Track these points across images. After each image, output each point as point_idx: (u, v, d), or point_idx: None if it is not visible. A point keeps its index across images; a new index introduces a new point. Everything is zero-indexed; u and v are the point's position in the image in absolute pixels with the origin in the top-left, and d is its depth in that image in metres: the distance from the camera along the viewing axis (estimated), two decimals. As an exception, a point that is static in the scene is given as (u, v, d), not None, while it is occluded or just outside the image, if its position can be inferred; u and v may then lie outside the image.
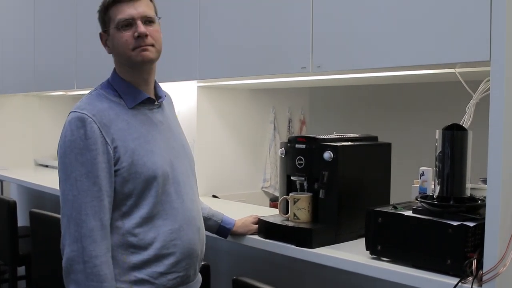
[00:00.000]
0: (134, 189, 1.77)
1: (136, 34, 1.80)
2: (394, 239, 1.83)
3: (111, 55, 1.93)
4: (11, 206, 3.45)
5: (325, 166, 2.10)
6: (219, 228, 2.24)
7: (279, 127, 3.71)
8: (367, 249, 1.91)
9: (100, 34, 1.90)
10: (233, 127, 3.45)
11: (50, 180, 4.19)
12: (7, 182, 5.22)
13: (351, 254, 1.95)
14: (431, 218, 1.77)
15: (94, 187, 1.71)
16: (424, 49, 1.92)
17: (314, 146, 2.16)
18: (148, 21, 1.84)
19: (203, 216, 2.10)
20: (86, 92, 1.93)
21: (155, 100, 1.92)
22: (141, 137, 1.81)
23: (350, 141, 2.21)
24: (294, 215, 2.19)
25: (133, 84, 1.87)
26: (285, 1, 2.41)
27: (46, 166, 5.16)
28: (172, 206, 1.84)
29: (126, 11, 1.81)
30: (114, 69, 1.91)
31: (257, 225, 2.26)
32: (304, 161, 2.18)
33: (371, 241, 1.90)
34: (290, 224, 2.16)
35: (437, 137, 1.83)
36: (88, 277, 1.68)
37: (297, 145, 2.21)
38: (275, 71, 2.51)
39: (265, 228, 2.21)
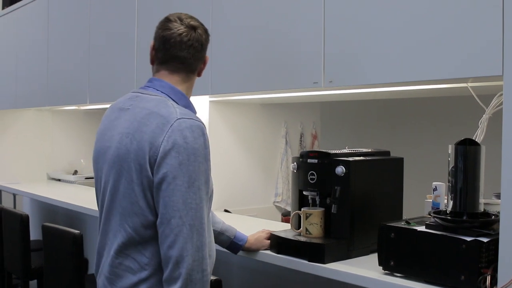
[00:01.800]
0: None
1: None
2: (407, 254, 1.82)
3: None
4: (23, 220, 3.47)
5: (338, 181, 2.10)
6: (230, 244, 2.24)
7: (291, 141, 3.71)
8: (379, 264, 1.91)
9: (207, 57, 1.96)
10: (245, 141, 3.45)
11: (62, 194, 4.21)
12: (20, 196, 5.25)
13: (364, 270, 1.94)
14: (444, 233, 1.76)
15: (207, 196, 1.72)
16: (436, 64, 1.92)
17: (326, 161, 2.16)
18: None
19: (216, 231, 2.12)
20: (100, 106, 1.94)
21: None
22: None
23: (362, 156, 2.21)
24: (306, 230, 2.18)
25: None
26: (297, 16, 2.42)
27: (59, 180, 5.18)
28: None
29: None
30: (169, 83, 1.87)
31: (268, 241, 2.26)
32: (316, 176, 2.18)
33: (384, 256, 1.89)
34: (302, 239, 2.16)
35: (449, 152, 1.82)
36: (204, 286, 1.67)
37: (309, 160, 2.21)
38: (287, 86, 2.52)
39: (277, 243, 2.21)
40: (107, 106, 4.32)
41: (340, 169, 2.09)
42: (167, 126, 1.69)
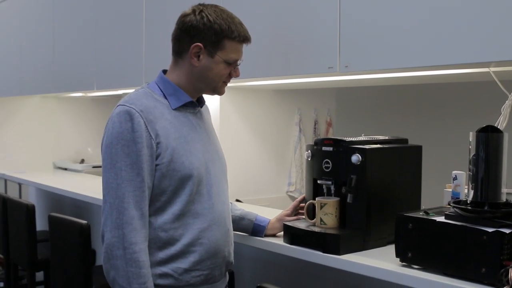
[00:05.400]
0: (170, 186, 1.89)
1: (234, 75, 2.02)
2: (426, 246, 1.82)
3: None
4: (29, 210, 3.50)
5: (353, 169, 2.10)
6: (254, 227, 2.30)
7: (304, 129, 3.70)
8: (397, 256, 1.90)
9: (197, 45, 1.94)
10: (256, 129, 3.45)
11: (69, 184, 4.24)
12: (25, 185, 5.29)
13: (380, 261, 1.94)
14: (464, 224, 1.75)
15: (137, 178, 1.83)
16: (457, 47, 1.90)
17: (341, 148, 2.15)
18: None
19: (237, 216, 2.25)
20: (107, 93, 1.98)
21: (197, 105, 2.05)
22: (182, 137, 1.93)
23: (379, 144, 2.20)
24: (321, 220, 2.18)
25: (181, 88, 1.99)
26: (311, -1, 2.41)
27: (65, 169, 5.22)
28: (203, 206, 1.95)
29: (239, 52, 2.00)
30: (163, 72, 2.03)
31: (293, 217, 2.32)
32: (331, 164, 2.18)
33: (401, 248, 1.88)
34: (316, 229, 2.16)
35: (470, 140, 1.81)
36: (128, 263, 1.80)
37: (324, 148, 2.21)
38: (301, 71, 2.51)
39: (290, 234, 2.21)
40: (115, 93, 4.36)
41: (356, 157, 2.08)
42: (110, 115, 1.89)
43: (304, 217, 2.29)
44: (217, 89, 2.03)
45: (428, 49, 1.99)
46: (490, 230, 1.68)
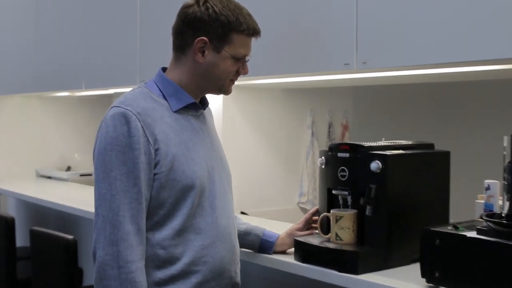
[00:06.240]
0: (169, 198, 1.88)
1: (242, 72, 2.02)
2: (455, 264, 1.82)
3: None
4: (8, 224, 3.51)
5: (373, 178, 2.10)
6: (261, 243, 2.30)
7: (317, 133, 3.71)
8: (422, 276, 1.90)
9: (201, 39, 1.94)
10: (264, 133, 3.46)
11: (53, 194, 4.25)
12: (4, 196, 5.30)
13: (404, 282, 1.93)
14: (499, 240, 1.74)
15: (134, 188, 1.82)
16: (488, 42, 1.90)
17: (359, 155, 2.15)
18: None
19: (242, 231, 2.25)
20: (97, 92, 1.99)
21: (200, 107, 2.04)
22: (183, 143, 1.92)
23: (402, 149, 2.21)
24: (336, 235, 2.18)
25: (182, 88, 1.98)
26: (326, -14, 2.41)
27: (49, 177, 5.23)
28: (206, 221, 1.94)
29: (248, 47, 2.00)
30: (162, 69, 2.03)
31: (305, 232, 2.32)
32: (348, 172, 2.18)
33: (428, 266, 1.88)
34: (331, 246, 2.16)
35: (505, 145, 1.81)
36: (123, 284, 1.78)
37: (339, 154, 2.21)
38: (314, 68, 2.51)
39: (302, 250, 2.21)
40: (106, 92, 4.37)
41: (376, 165, 2.08)
42: (104, 117, 1.89)
43: (317, 231, 2.29)
44: (224, 88, 2.02)
45: (455, 43, 1.99)
46: (527, 246, 1.67)
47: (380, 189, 2.09)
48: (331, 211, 2.22)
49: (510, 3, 1.84)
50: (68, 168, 5.21)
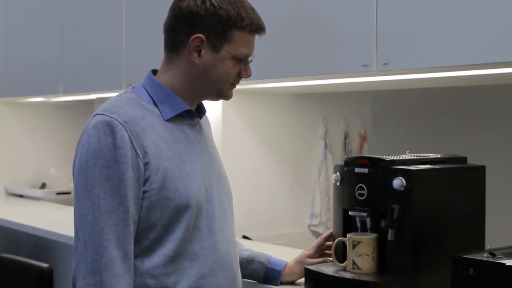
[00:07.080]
0: (161, 219, 1.86)
1: (244, 75, 2.02)
2: (491, 297, 1.82)
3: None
4: (-26, 250, 3.51)
5: (395, 197, 2.10)
6: (266, 272, 2.29)
7: (331, 144, 3.71)
8: (453, 310, 1.90)
9: (198, 37, 1.94)
10: (269, 144, 3.46)
11: (26, 215, 4.25)
12: (-31, 217, 5.31)
13: (432, 317, 1.94)
14: (542, 268, 1.75)
15: (120, 208, 1.80)
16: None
17: (380, 170, 2.16)
18: None
19: (244, 258, 2.23)
20: (77, 98, 1.99)
21: (196, 115, 2.04)
22: (176, 156, 1.91)
23: (429, 164, 2.21)
24: (354, 263, 2.18)
25: (175, 93, 1.97)
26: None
27: (21, 196, 5.23)
28: (203, 246, 1.92)
29: (251, 45, 2.00)
30: (152, 72, 2.03)
31: (317, 259, 2.31)
32: (367, 190, 2.18)
33: (459, 299, 1.88)
34: (348, 275, 2.16)
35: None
36: None
37: (357, 169, 2.21)
38: (327, 70, 2.52)
39: (314, 281, 2.21)
40: (87, 97, 4.38)
41: (399, 182, 2.09)
42: (85, 126, 1.88)
43: (331, 259, 2.29)
44: (223, 93, 2.02)
45: (485, 43, 2.00)
46: None
47: (404, 210, 2.09)
48: (348, 235, 2.22)
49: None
50: (43, 185, 5.21)
